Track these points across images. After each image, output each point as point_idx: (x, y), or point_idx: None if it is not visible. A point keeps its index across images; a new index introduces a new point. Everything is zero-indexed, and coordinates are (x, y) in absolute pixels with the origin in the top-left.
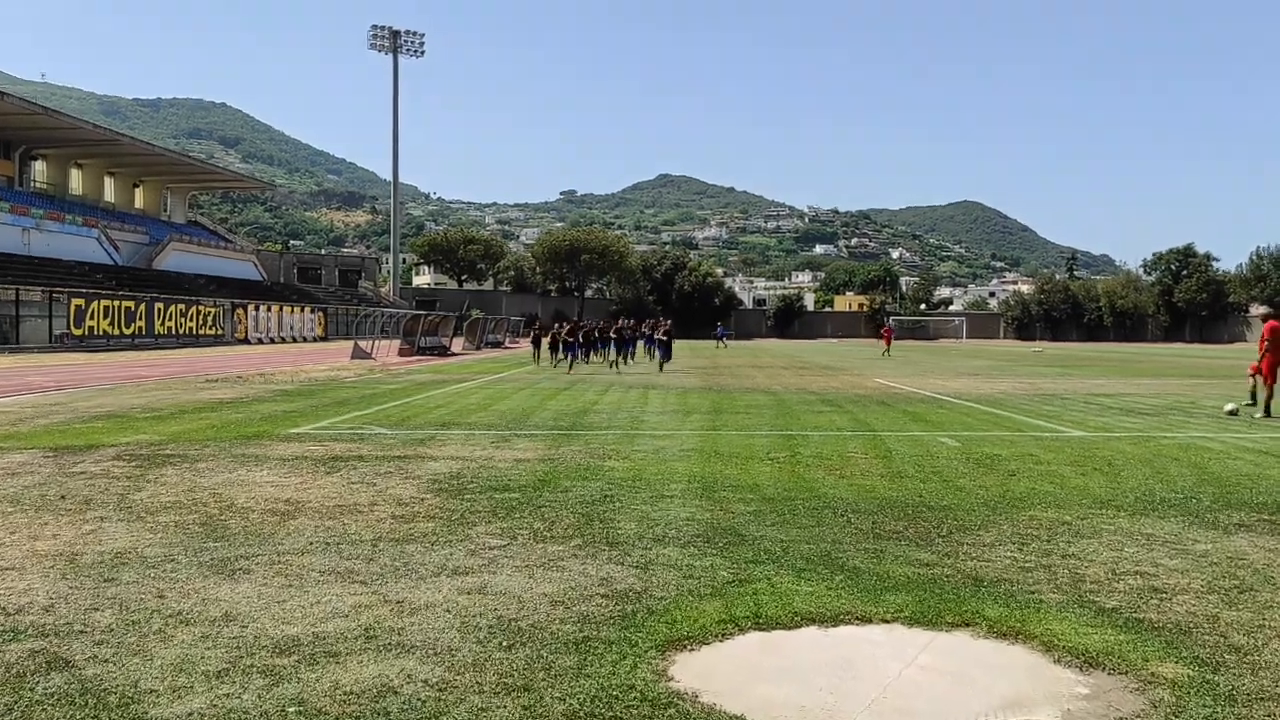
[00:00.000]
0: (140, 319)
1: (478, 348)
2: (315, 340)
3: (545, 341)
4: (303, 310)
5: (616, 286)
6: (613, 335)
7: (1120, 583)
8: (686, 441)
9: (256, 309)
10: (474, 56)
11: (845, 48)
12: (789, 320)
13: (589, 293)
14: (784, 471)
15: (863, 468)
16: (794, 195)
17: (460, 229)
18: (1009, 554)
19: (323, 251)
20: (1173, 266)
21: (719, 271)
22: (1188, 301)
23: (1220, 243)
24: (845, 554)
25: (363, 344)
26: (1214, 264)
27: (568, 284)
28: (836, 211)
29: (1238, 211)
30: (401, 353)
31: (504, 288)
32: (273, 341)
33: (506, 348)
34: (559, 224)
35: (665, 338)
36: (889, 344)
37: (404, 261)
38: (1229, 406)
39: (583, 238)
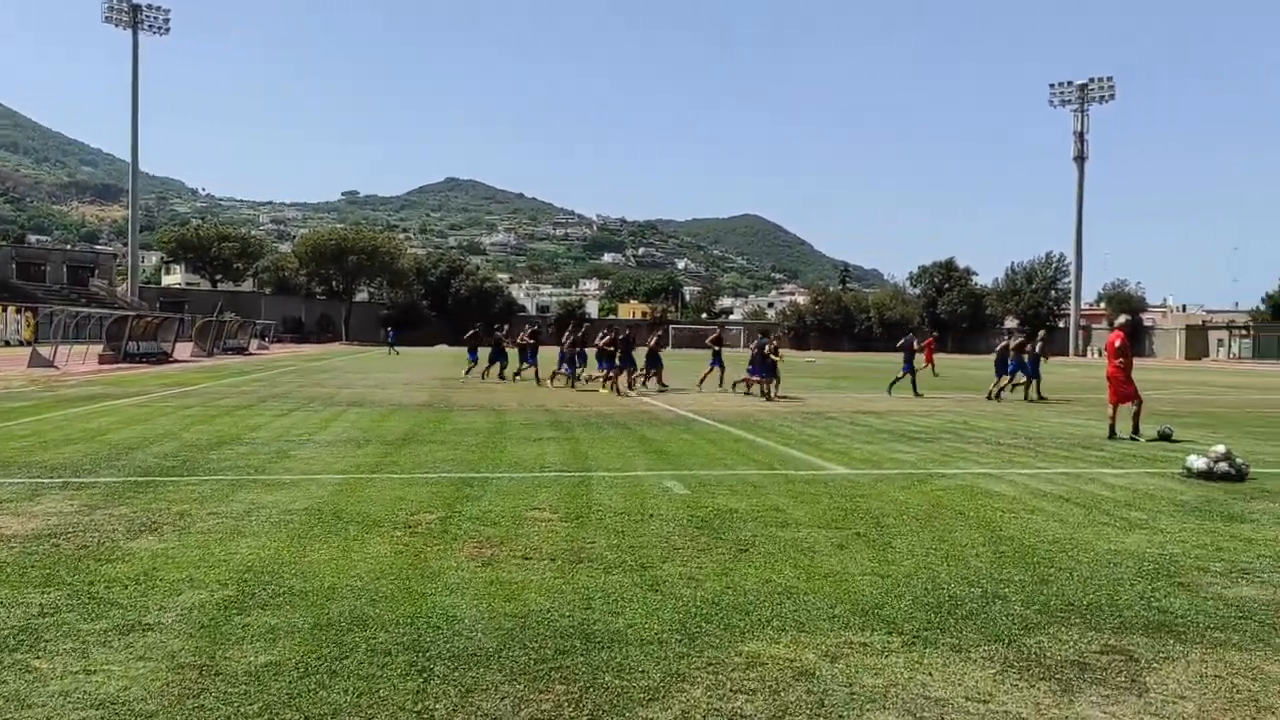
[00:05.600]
0: None
1: (209, 354)
2: (20, 345)
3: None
4: (5, 310)
5: (388, 289)
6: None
7: None
8: (314, 492)
9: None
10: (251, 49)
11: (633, 61)
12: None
13: (360, 295)
14: (404, 556)
15: (532, 543)
16: (583, 204)
17: (214, 225)
18: None
19: (66, 246)
20: (936, 280)
21: (504, 277)
22: (950, 313)
23: (977, 258)
24: None
25: (44, 351)
26: (973, 278)
27: (335, 286)
28: (625, 221)
29: (996, 228)
30: (103, 360)
31: (265, 289)
32: None
33: (252, 354)
34: (340, 225)
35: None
36: (932, 361)
37: (159, 259)
38: None
39: (351, 237)
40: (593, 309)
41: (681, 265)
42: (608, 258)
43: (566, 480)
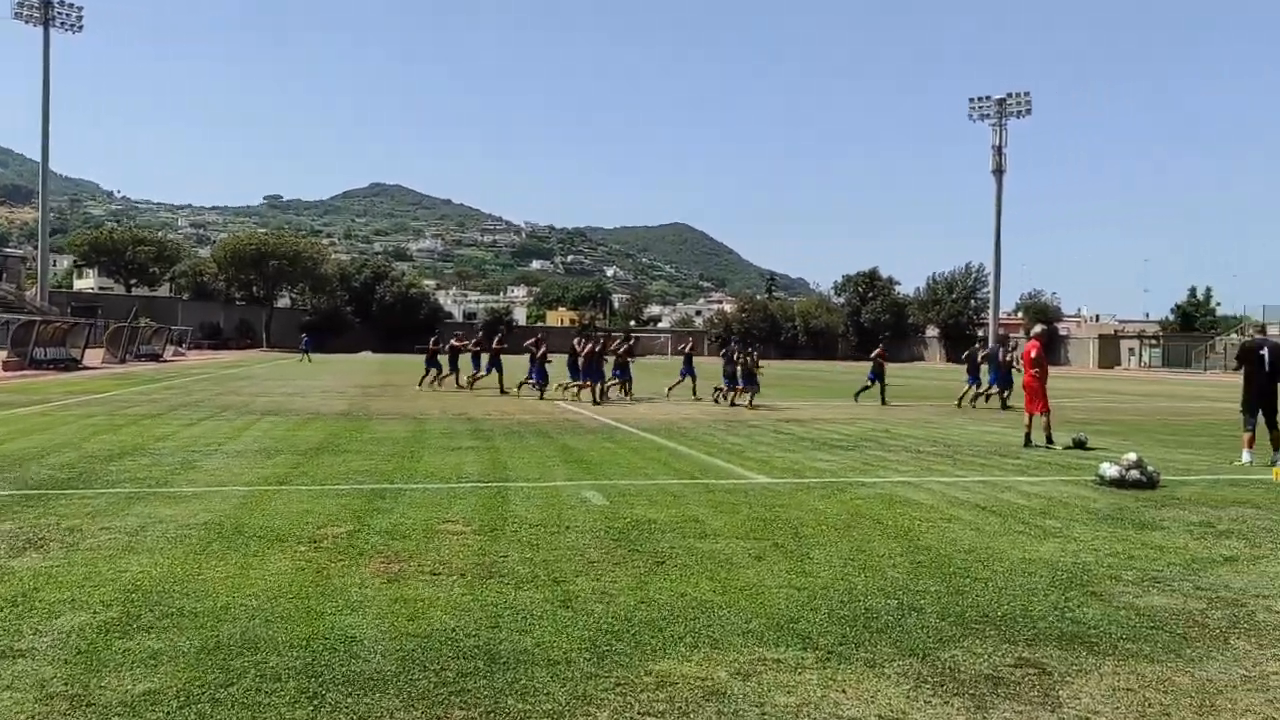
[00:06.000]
0: None
1: (121, 361)
2: None
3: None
4: None
5: (311, 295)
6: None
7: None
8: (217, 505)
9: None
10: (169, 47)
11: (562, 67)
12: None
13: (281, 301)
14: (306, 572)
15: (442, 557)
16: (512, 210)
17: (129, 228)
18: None
19: None
20: (860, 289)
21: (431, 283)
22: (874, 322)
23: (900, 268)
24: None
25: None
26: (896, 287)
27: (256, 291)
28: (553, 228)
29: (918, 239)
30: (8, 367)
31: (183, 295)
32: None
33: (167, 361)
34: (261, 230)
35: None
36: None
37: (71, 263)
38: None
39: (271, 242)
40: (521, 316)
41: (610, 273)
42: (536, 265)
43: (483, 491)
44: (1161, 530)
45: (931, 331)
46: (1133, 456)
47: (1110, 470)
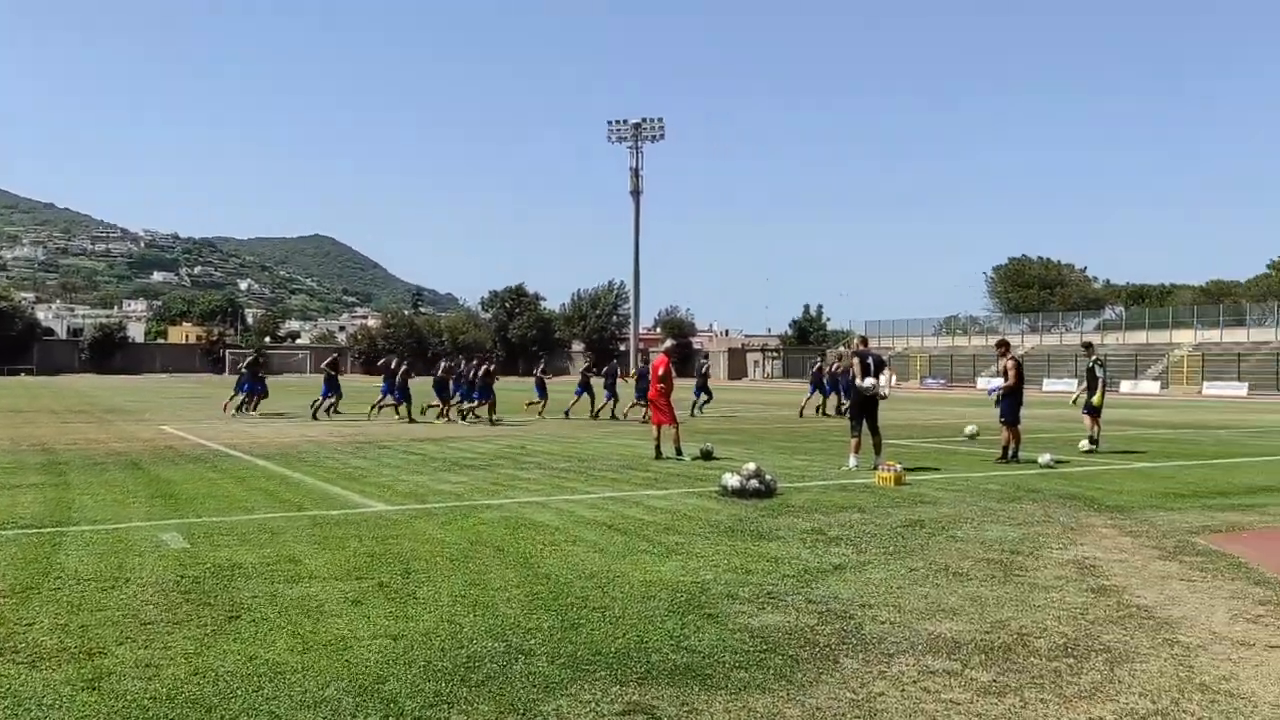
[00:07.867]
0: None
1: None
2: None
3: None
4: None
5: None
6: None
7: None
8: None
9: None
10: None
11: (181, 64)
12: (109, 353)
13: None
14: None
15: None
16: (129, 217)
17: None
18: None
19: None
20: (507, 304)
21: (29, 296)
22: (521, 337)
23: (546, 284)
24: None
25: None
26: (542, 303)
27: None
28: (177, 237)
29: (562, 256)
30: None
31: None
32: None
33: None
34: None
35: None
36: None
37: None
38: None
39: None
40: (137, 332)
41: (244, 286)
42: (158, 276)
43: (28, 540)
44: (778, 540)
45: (577, 346)
46: (752, 466)
47: (731, 480)
